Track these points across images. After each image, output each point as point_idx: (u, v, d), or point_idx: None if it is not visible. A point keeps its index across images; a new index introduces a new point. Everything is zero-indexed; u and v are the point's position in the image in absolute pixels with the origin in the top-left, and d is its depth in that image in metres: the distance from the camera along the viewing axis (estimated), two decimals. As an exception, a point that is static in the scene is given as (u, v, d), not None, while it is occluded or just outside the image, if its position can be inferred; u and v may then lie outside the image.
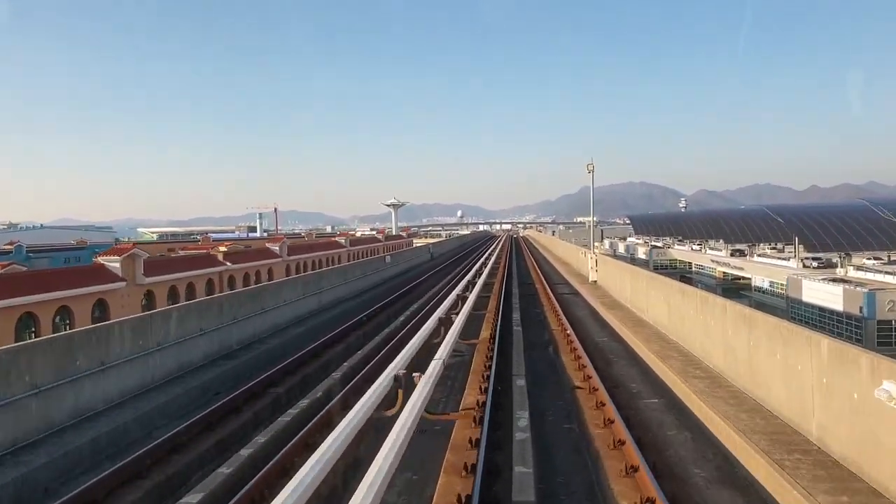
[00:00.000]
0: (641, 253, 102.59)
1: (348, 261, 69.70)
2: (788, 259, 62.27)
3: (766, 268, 62.15)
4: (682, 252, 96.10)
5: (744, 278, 70.97)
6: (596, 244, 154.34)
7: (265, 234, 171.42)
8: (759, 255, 72.35)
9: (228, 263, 52.14)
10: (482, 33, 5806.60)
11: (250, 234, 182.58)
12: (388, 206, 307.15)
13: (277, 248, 62.01)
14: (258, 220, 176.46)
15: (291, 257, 64.08)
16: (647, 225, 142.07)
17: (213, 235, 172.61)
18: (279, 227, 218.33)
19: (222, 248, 55.57)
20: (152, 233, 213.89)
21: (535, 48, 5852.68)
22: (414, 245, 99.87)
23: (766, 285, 61.41)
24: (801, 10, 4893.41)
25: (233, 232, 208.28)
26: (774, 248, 78.02)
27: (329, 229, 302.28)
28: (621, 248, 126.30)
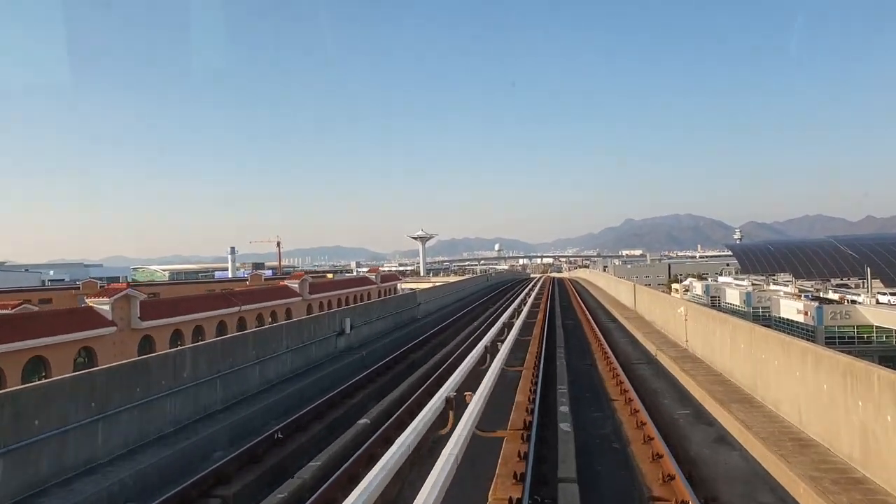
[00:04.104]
0: (792, 311, 61.24)
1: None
2: None
3: None
4: (875, 312, 54.61)
5: None
6: (675, 287, 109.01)
7: (233, 274, 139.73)
8: None
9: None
10: (518, 66, 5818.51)
11: (257, 272, 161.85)
12: (414, 238, 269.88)
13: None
14: (230, 258, 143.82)
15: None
16: (761, 260, 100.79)
17: (218, 274, 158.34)
18: (281, 265, 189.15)
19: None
20: (164, 270, 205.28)
21: (572, 75, 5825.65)
22: (380, 297, 59.51)
23: None
24: (862, 34, 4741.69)
25: (239, 271, 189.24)
26: None
27: (353, 265, 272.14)
28: (733, 298, 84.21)
